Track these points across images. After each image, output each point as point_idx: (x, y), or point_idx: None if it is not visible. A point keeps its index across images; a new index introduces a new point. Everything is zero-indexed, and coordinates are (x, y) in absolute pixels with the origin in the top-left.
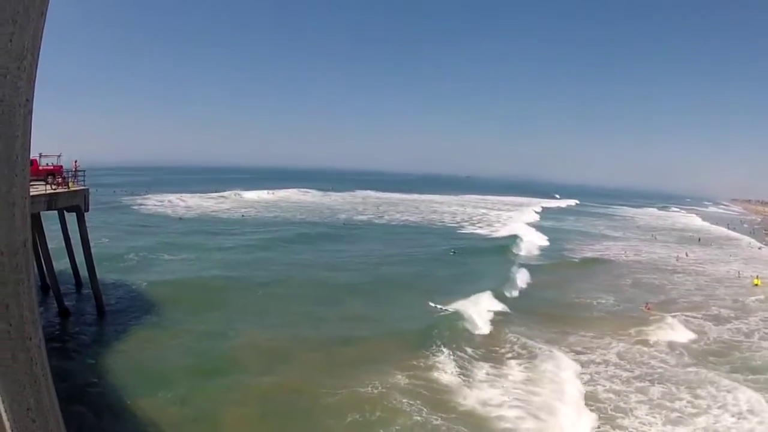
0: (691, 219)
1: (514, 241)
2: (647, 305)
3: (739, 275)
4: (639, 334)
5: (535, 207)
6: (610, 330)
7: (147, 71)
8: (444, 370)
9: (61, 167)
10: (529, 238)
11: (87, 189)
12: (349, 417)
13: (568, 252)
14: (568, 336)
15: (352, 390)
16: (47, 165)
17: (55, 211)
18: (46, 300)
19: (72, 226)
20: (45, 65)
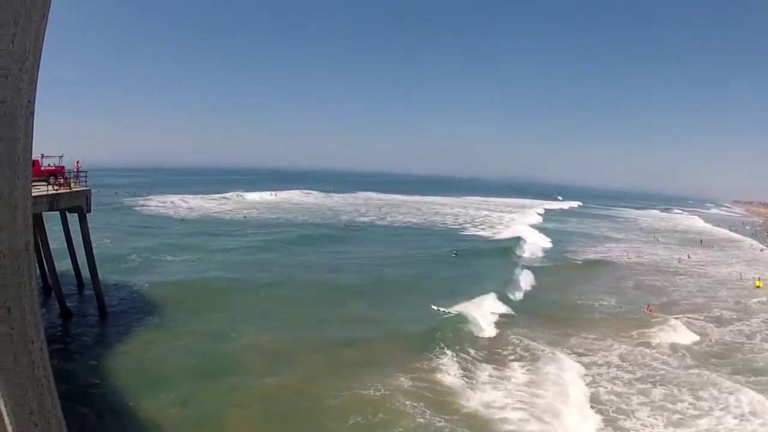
0: (694, 221)
1: (517, 243)
2: (649, 307)
3: (741, 277)
4: (641, 336)
5: (538, 209)
6: (612, 332)
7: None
8: (447, 372)
9: (63, 168)
10: (532, 239)
11: (89, 190)
12: (352, 419)
13: (570, 254)
14: (571, 338)
15: (354, 392)
16: (49, 166)
17: (57, 212)
18: (48, 301)
19: (74, 226)
20: (48, 66)
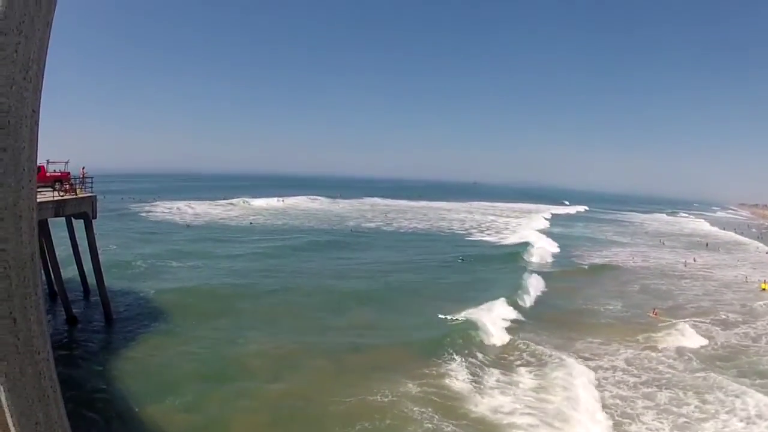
0: (700, 224)
1: (525, 248)
2: (655, 311)
3: (747, 280)
4: (647, 340)
5: (545, 213)
6: (618, 336)
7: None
8: (456, 377)
9: (69, 174)
10: (540, 244)
11: (95, 196)
12: (359, 425)
13: (577, 258)
14: (578, 342)
15: (361, 398)
16: (55, 171)
17: (63, 218)
18: (54, 307)
19: (80, 233)
20: (55, 71)
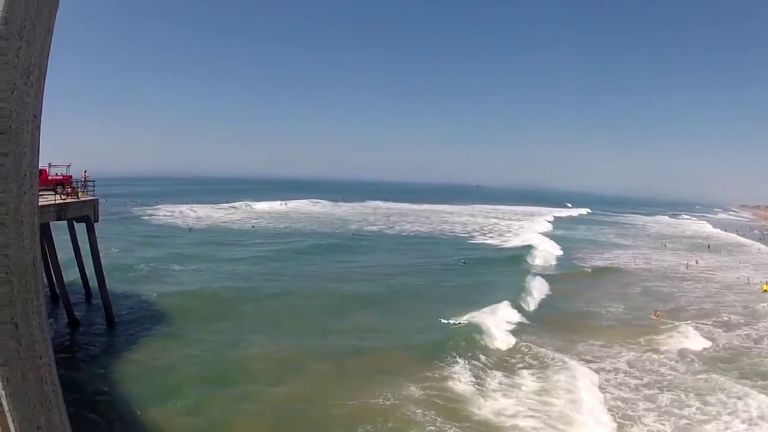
0: (702, 226)
1: (528, 251)
2: (656, 313)
3: (749, 281)
4: (648, 342)
5: (547, 216)
6: (619, 338)
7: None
8: (458, 380)
9: (71, 177)
10: (543, 247)
11: (97, 199)
12: (361, 428)
13: (579, 261)
14: (580, 345)
15: (363, 401)
16: (56, 175)
17: (65, 221)
18: (55, 310)
19: (82, 236)
20: (56, 73)
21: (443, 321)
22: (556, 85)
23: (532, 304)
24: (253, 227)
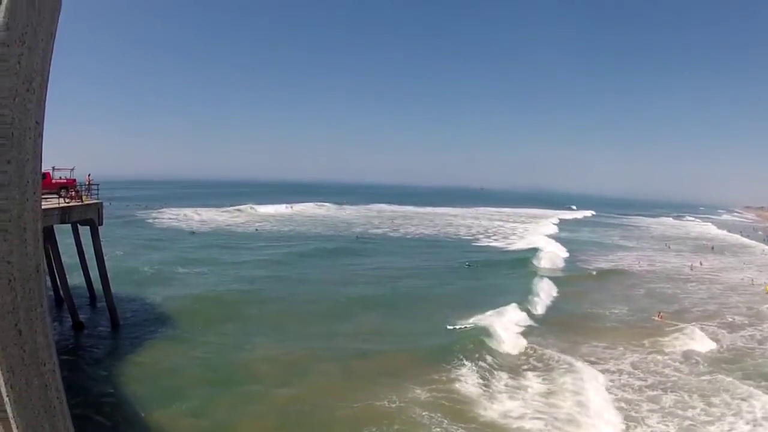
0: (706, 227)
1: (534, 254)
2: (660, 314)
3: (753, 282)
4: (652, 343)
5: (552, 218)
6: (623, 340)
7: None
8: (465, 382)
9: (75, 181)
10: (549, 249)
11: (101, 202)
12: (366, 430)
13: (584, 263)
14: (584, 346)
15: (369, 403)
16: (60, 178)
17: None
18: (60, 314)
19: (86, 239)
20: (58, 77)
21: (449, 323)
22: (556, 86)
23: (539, 306)
24: (257, 230)
